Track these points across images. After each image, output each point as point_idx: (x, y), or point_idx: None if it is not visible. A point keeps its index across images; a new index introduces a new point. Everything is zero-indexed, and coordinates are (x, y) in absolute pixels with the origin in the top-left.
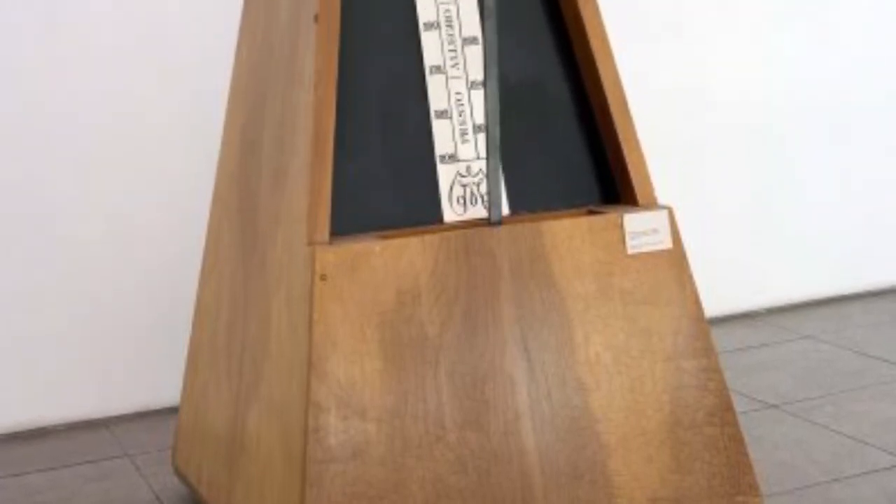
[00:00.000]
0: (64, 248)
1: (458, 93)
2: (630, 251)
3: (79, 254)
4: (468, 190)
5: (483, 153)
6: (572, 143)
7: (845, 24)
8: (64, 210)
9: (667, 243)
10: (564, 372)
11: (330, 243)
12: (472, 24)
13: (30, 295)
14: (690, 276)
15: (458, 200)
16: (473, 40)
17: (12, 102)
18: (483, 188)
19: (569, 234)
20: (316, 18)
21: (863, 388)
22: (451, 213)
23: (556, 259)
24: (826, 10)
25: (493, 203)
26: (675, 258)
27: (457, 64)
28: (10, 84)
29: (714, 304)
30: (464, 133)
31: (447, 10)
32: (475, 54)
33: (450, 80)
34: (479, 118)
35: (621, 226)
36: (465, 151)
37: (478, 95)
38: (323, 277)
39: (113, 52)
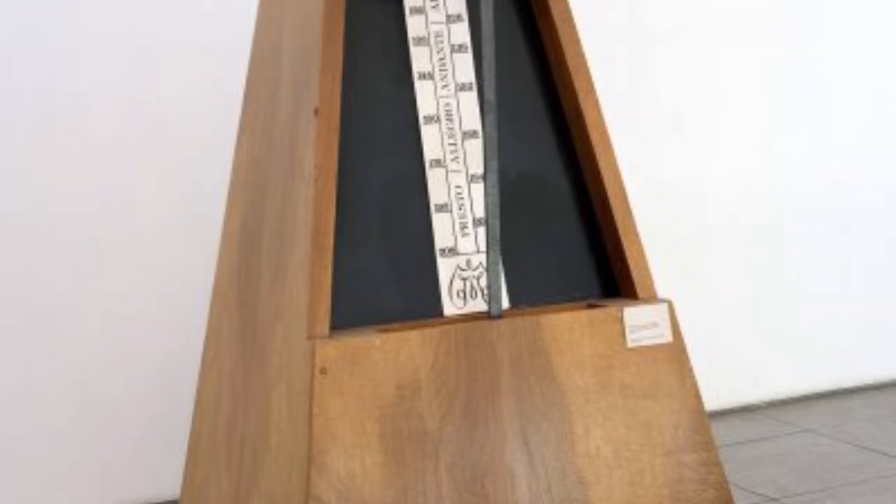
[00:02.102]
0: (63, 344)
1: (458, 186)
2: (630, 345)
3: (78, 349)
4: (468, 283)
5: (483, 247)
6: (572, 236)
7: (844, 120)
8: (63, 307)
9: (667, 337)
10: (564, 465)
11: (330, 337)
12: (472, 117)
13: (30, 391)
14: (690, 370)
15: (458, 294)
16: (473, 134)
17: (12, 201)
18: (483, 282)
19: (569, 328)
20: (316, 112)
21: (863, 482)
22: (451, 307)
23: (556, 352)
24: (825, 106)
25: (493, 297)
26: (675, 352)
27: (457, 158)
28: (10, 182)
29: (714, 397)
30: (464, 227)
31: (447, 104)
32: (475, 148)
33: (450, 174)
34: (480, 212)
35: (621, 319)
36: (465, 245)
37: (478, 189)
38: (323, 371)
39: (113, 149)
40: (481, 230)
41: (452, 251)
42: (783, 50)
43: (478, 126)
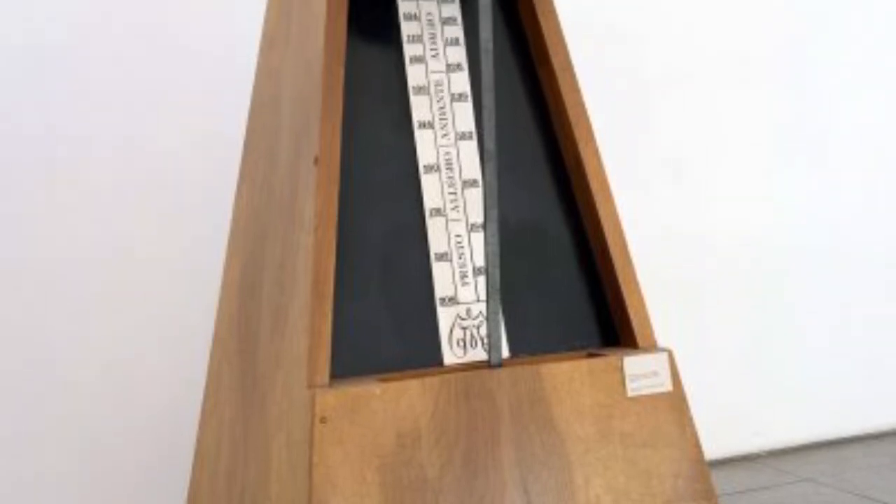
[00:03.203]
0: (63, 391)
1: (458, 235)
2: (630, 394)
3: (78, 397)
4: (468, 332)
5: (483, 296)
6: (572, 285)
7: (845, 166)
8: (63, 353)
9: (667, 386)
10: None
11: (330, 386)
12: (472, 166)
13: (29, 439)
14: (690, 419)
15: (458, 343)
16: (473, 183)
17: (12, 247)
18: (483, 331)
19: (569, 377)
20: (316, 161)
21: None
22: (451, 356)
23: (556, 402)
24: (825, 152)
25: (493, 346)
26: (676, 401)
27: (457, 207)
28: (11, 228)
29: (714, 446)
30: (464, 276)
31: (447, 153)
32: (475, 197)
33: (450, 223)
34: (480, 261)
35: (621, 368)
36: (465, 294)
37: (478, 238)
38: (323, 420)
39: (113, 197)
40: (481, 279)
41: (452, 300)
42: (783, 95)
43: (478, 175)
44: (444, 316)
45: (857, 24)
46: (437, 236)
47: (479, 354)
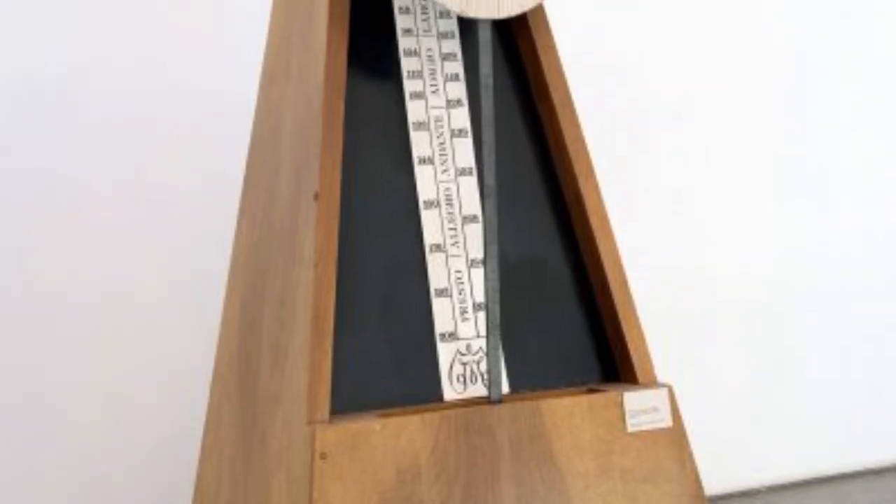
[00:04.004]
0: (63, 428)
1: (458, 271)
2: (630, 429)
3: (78, 433)
4: (468, 368)
5: (483, 331)
6: (572, 321)
7: (844, 201)
8: (63, 391)
9: (667, 421)
10: None
11: (330, 422)
12: (472, 202)
13: (28, 476)
14: (690, 455)
15: (458, 379)
16: (473, 219)
17: (12, 284)
18: (483, 366)
19: (569, 413)
20: (316, 197)
21: None
22: (451, 392)
23: (556, 437)
24: (825, 187)
25: (493, 382)
26: (676, 436)
27: (457, 242)
28: (11, 265)
29: (714, 481)
30: (464, 311)
31: (447, 189)
32: (475, 232)
33: (450, 259)
34: (480, 296)
35: (621, 404)
36: (465, 330)
37: (478, 274)
38: (323, 456)
39: (112, 233)
40: (481, 315)
41: (452, 336)
42: (782, 131)
43: (478, 211)
44: (445, 351)
45: (857, 61)
46: (438, 272)
47: (480, 390)
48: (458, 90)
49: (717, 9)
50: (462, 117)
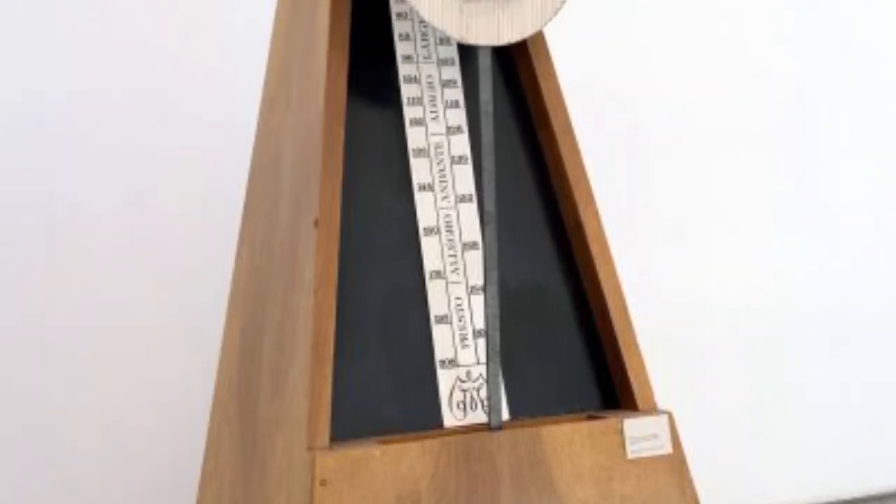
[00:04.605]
0: (63, 456)
1: (458, 298)
2: (630, 456)
3: (78, 461)
4: (468, 395)
5: (483, 358)
6: (572, 347)
7: (844, 232)
8: (63, 419)
9: (667, 448)
10: None
11: (330, 448)
12: (472, 229)
13: (30, 503)
14: (691, 481)
15: (458, 405)
16: (473, 245)
17: (12, 312)
18: (483, 393)
19: (569, 439)
20: (316, 223)
21: None
22: (451, 418)
23: (556, 464)
24: (825, 218)
25: (493, 408)
26: (676, 463)
27: (457, 269)
28: (10, 293)
29: None
30: (464, 338)
31: (447, 216)
32: (475, 259)
33: (450, 286)
34: (479, 323)
35: (621, 431)
36: (465, 356)
37: (478, 300)
38: (323, 483)
39: (112, 261)
40: (481, 341)
41: (452, 362)
42: (782, 161)
43: (478, 237)
44: (444, 378)
45: (857, 90)
46: (437, 298)
47: (480, 417)
48: (458, 117)
49: (717, 37)
50: (462, 144)
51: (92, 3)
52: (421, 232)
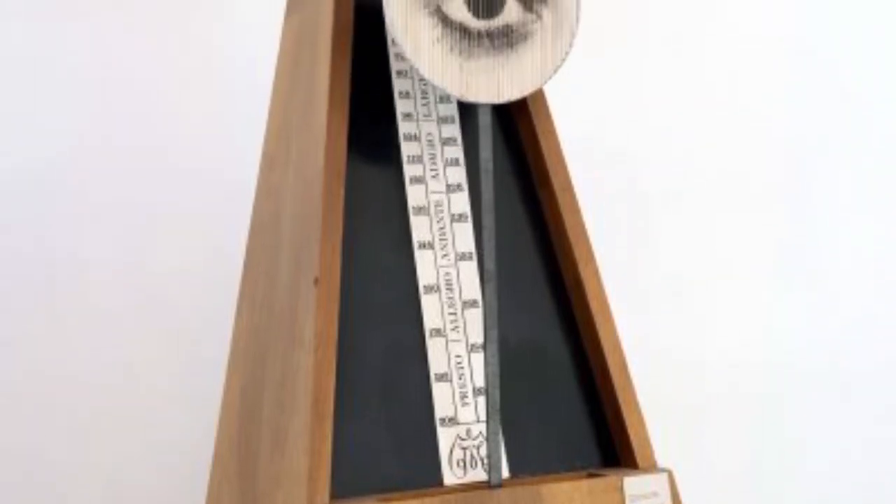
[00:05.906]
0: None
1: (458, 356)
2: None
3: None
4: (468, 453)
5: (483, 416)
6: (572, 405)
7: (846, 291)
8: (63, 475)
9: None
10: None
11: None
12: (472, 287)
13: None
14: None
15: (458, 463)
16: (473, 303)
17: (11, 367)
18: (483, 451)
19: (569, 497)
20: (316, 282)
21: None
22: (451, 477)
23: None
24: (825, 273)
25: (493, 466)
26: None
27: (457, 327)
28: (9, 348)
29: None
30: (464, 396)
31: (447, 274)
32: (475, 317)
33: (450, 344)
34: (480, 381)
35: (621, 489)
36: (465, 414)
37: (478, 358)
38: None
39: (112, 318)
40: (481, 399)
41: (452, 420)
42: (783, 218)
43: (478, 295)
44: (444, 436)
45: (857, 150)
46: (437, 356)
47: (480, 475)
48: (458, 175)
49: (717, 94)
50: (462, 202)
51: (93, 60)
52: (421, 290)
